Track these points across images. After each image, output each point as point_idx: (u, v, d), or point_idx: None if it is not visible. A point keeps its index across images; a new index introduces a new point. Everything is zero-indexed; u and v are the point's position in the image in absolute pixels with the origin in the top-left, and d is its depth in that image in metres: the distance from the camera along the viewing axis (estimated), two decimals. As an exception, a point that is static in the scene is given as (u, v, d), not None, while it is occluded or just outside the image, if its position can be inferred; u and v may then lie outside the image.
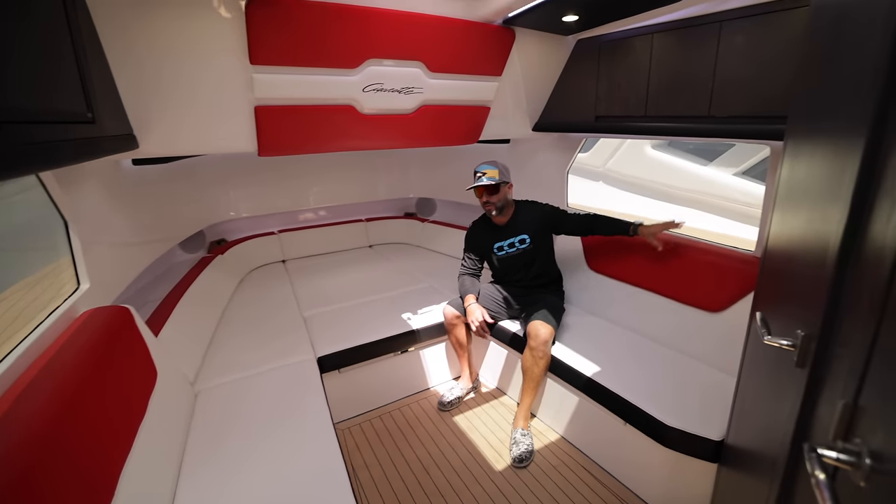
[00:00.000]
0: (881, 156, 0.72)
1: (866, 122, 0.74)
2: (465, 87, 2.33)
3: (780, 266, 1.17)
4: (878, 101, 0.72)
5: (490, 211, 2.41)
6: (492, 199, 2.36)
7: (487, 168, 2.35)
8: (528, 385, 2.25)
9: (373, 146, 2.57)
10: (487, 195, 2.36)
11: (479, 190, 2.37)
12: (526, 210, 2.51)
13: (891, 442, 0.63)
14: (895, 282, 0.63)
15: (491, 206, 2.38)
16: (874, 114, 0.72)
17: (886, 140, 0.71)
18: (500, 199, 2.38)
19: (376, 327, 2.49)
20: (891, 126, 0.70)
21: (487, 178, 2.32)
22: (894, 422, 0.62)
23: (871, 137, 0.73)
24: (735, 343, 2.02)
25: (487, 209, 2.41)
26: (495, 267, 2.61)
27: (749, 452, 1.32)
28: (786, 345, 0.97)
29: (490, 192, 2.35)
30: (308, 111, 2.04)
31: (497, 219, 2.48)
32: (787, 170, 1.20)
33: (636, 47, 2.09)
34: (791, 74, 1.58)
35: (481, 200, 2.39)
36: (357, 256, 3.85)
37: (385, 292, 3.01)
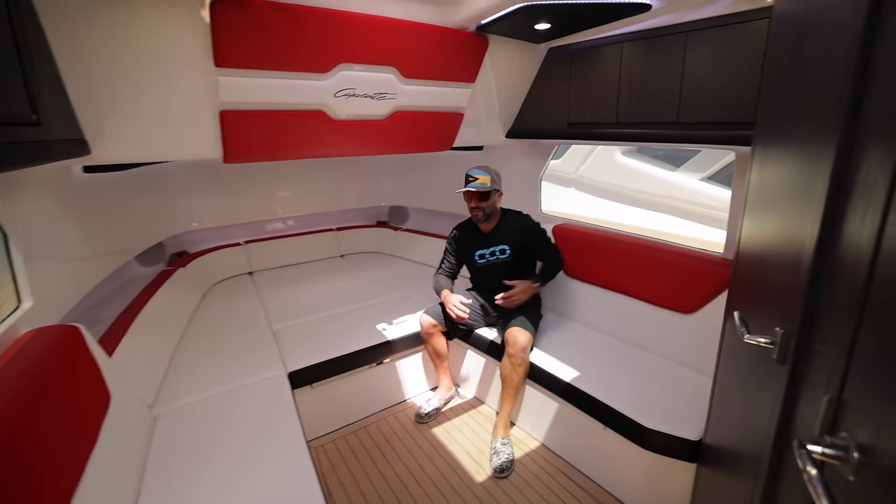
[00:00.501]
0: (853, 159, 0.73)
1: (837, 127, 0.76)
2: (439, 94, 2.31)
3: (755, 267, 1.19)
4: (847, 106, 0.74)
5: (477, 217, 2.38)
6: (481, 205, 2.34)
7: (480, 173, 2.32)
8: (508, 393, 2.22)
9: (345, 153, 2.51)
10: (477, 201, 2.34)
11: (468, 194, 2.35)
12: (512, 220, 2.49)
13: (878, 435, 0.63)
14: (873, 281, 0.64)
15: (479, 211, 2.36)
16: (845, 119, 0.74)
17: (857, 144, 0.72)
18: (488, 206, 2.36)
19: (350, 339, 2.41)
20: (861, 130, 0.72)
21: (479, 183, 2.29)
22: (880, 415, 0.63)
23: (843, 142, 0.75)
24: (708, 343, 2.06)
25: (475, 215, 2.38)
26: (474, 273, 2.58)
27: (728, 450, 1.33)
28: (766, 342, 0.98)
29: (480, 198, 2.33)
30: (277, 116, 1.96)
31: (483, 225, 2.46)
32: (757, 174, 1.23)
33: (606, 56, 2.13)
34: (754, 83, 1.64)
35: (470, 205, 2.36)
36: (328, 267, 3.75)
37: (358, 303, 2.93)
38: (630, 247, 2.45)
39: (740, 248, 1.34)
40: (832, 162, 0.77)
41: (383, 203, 4.39)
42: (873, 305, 0.64)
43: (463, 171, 2.34)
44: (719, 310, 2.03)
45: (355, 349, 2.34)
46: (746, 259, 1.28)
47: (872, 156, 0.67)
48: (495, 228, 2.46)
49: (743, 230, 1.32)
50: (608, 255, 2.52)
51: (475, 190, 2.29)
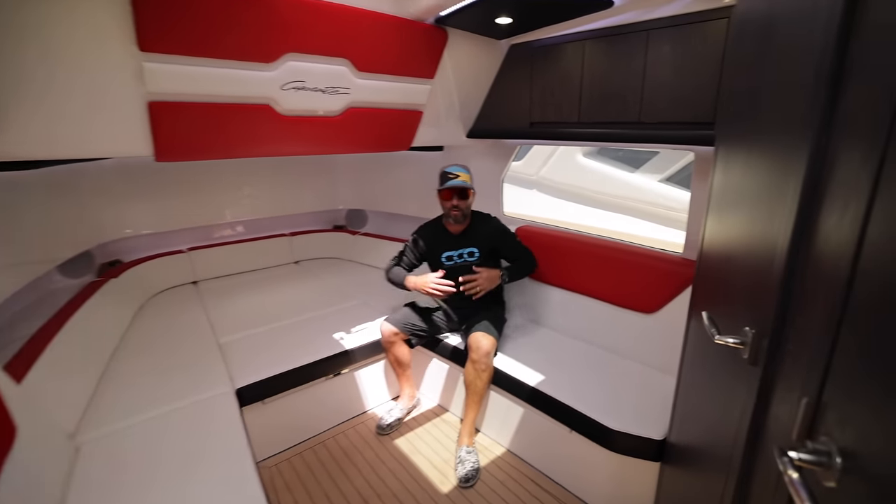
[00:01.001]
0: (828, 157, 0.70)
1: (811, 125, 0.73)
2: (396, 89, 2.21)
3: (721, 267, 1.17)
4: (823, 103, 0.71)
5: (456, 216, 2.30)
6: (460, 204, 2.27)
7: (460, 171, 2.27)
8: (472, 399, 2.15)
9: (294, 151, 2.35)
10: (458, 199, 2.26)
11: (447, 193, 2.27)
12: (481, 223, 2.44)
13: (864, 440, 0.59)
14: (855, 280, 0.61)
15: (458, 211, 2.28)
16: (820, 116, 0.71)
17: (833, 141, 0.70)
18: (467, 206, 2.30)
19: (305, 350, 2.25)
20: (837, 127, 0.69)
21: (461, 181, 2.23)
22: (866, 419, 0.59)
23: (817, 139, 0.72)
24: (670, 342, 2.07)
25: (454, 214, 2.29)
26: None
27: (694, 448, 1.31)
28: (736, 343, 0.96)
29: (461, 195, 2.26)
30: (217, 110, 1.79)
31: (453, 226, 2.38)
32: (721, 174, 1.22)
33: (568, 53, 2.11)
34: (713, 83, 1.65)
35: (449, 203, 2.27)
36: (281, 274, 3.55)
37: (314, 311, 2.77)
38: (592, 248, 2.45)
39: (704, 247, 1.33)
40: (806, 160, 0.74)
41: (340, 206, 4.22)
42: (856, 305, 0.61)
43: (425, 172, 2.27)
44: (680, 309, 2.05)
45: (310, 360, 2.19)
46: (711, 259, 1.26)
47: (852, 153, 0.65)
48: (466, 230, 2.39)
49: (706, 230, 1.31)
50: (571, 257, 2.50)
51: (458, 186, 2.22)
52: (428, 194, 2.43)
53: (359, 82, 2.03)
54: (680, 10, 1.71)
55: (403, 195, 3.73)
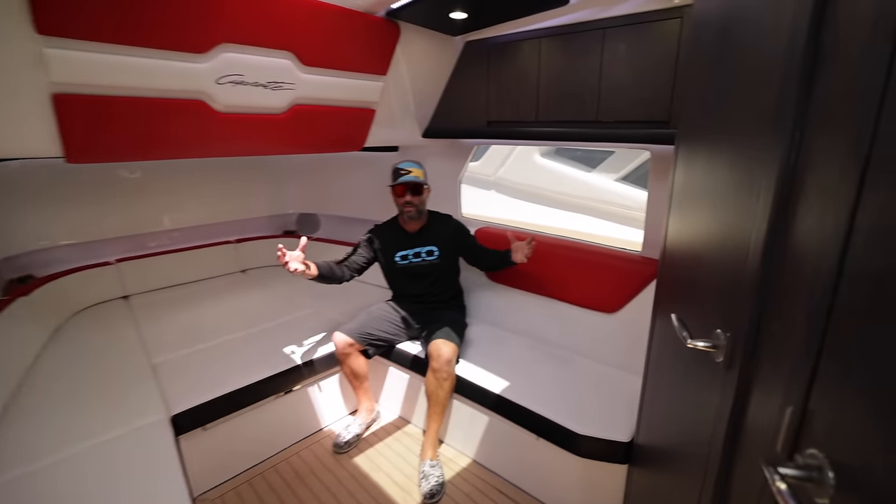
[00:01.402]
0: (803, 151, 0.67)
1: (785, 122, 0.69)
2: (346, 86, 2.07)
3: (687, 266, 1.14)
4: (797, 96, 0.67)
5: (410, 213, 2.20)
6: (414, 200, 2.18)
7: (412, 166, 2.18)
8: (434, 410, 2.05)
9: (236, 152, 2.16)
10: (411, 195, 2.17)
11: (400, 189, 2.17)
12: (439, 222, 2.36)
13: (857, 451, 0.55)
14: (841, 281, 0.57)
15: (412, 207, 2.19)
16: (794, 109, 0.68)
17: (808, 135, 0.66)
18: (421, 202, 2.22)
19: (252, 367, 2.07)
20: (813, 120, 0.65)
21: (412, 176, 2.15)
22: (858, 428, 0.55)
23: (791, 133, 0.68)
24: (633, 342, 2.06)
25: (408, 210, 2.20)
26: (393, 277, 2.38)
27: (665, 451, 1.29)
28: (708, 346, 0.92)
29: (413, 191, 2.17)
30: (140, 105, 1.59)
31: (409, 224, 2.29)
32: (682, 173, 1.20)
33: (525, 51, 2.06)
34: (668, 82, 1.65)
35: (402, 200, 2.18)
36: (226, 284, 3.29)
37: (262, 324, 2.58)
38: (552, 248, 2.42)
39: (667, 247, 1.31)
40: (780, 157, 0.70)
41: (291, 210, 4.00)
42: (845, 306, 0.57)
43: (380, 173, 2.16)
44: (642, 307, 2.05)
45: (258, 378, 2.01)
46: (676, 258, 1.24)
47: (833, 147, 0.61)
48: (423, 229, 2.31)
49: (669, 229, 1.29)
50: (531, 258, 2.46)
51: (410, 182, 2.13)
52: (384, 196, 2.32)
53: (304, 77, 1.89)
54: (634, 10, 1.70)
55: (358, 198, 3.58)
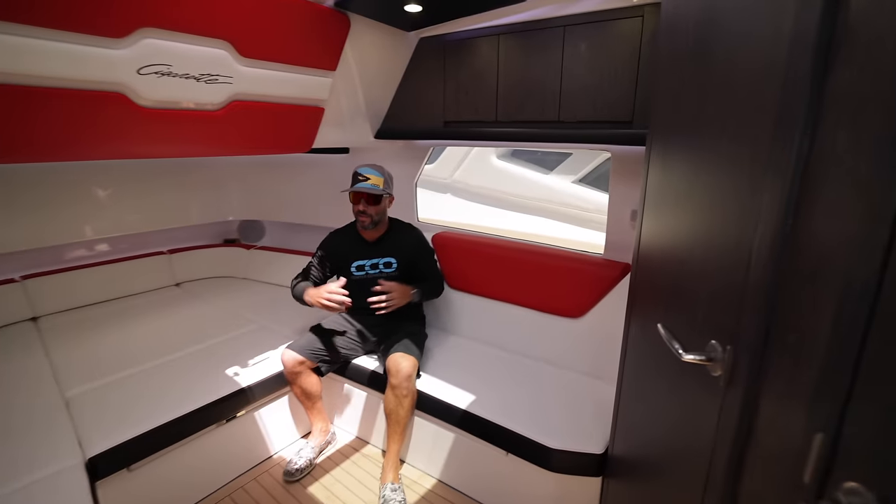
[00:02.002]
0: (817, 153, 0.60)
1: (795, 117, 0.62)
2: (291, 81, 1.90)
3: (668, 270, 1.08)
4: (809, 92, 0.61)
5: (364, 223, 2.04)
6: (369, 210, 2.01)
7: (372, 173, 2.00)
8: (394, 429, 1.91)
9: (164, 153, 1.92)
10: (366, 203, 2.00)
11: (355, 195, 2.00)
12: (401, 232, 2.21)
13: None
14: (883, 285, 0.51)
15: (367, 217, 2.02)
16: (806, 107, 0.61)
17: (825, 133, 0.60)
18: (378, 213, 2.04)
19: (189, 393, 1.84)
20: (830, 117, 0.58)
21: (370, 184, 1.97)
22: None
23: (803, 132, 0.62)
24: (600, 347, 2.02)
25: (362, 220, 2.04)
26: (348, 288, 2.21)
27: (647, 465, 1.23)
28: (703, 360, 0.85)
29: (370, 200, 2.00)
30: (43, 97, 1.35)
31: (367, 233, 2.12)
32: (659, 173, 1.15)
33: (483, 49, 1.99)
34: (629, 81, 1.63)
35: (356, 208, 2.02)
36: (158, 300, 2.97)
37: (201, 342, 2.32)
38: (512, 253, 2.36)
39: (641, 250, 1.26)
40: (791, 151, 0.64)
41: (231, 217, 3.70)
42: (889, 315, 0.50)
43: (330, 176, 2.00)
44: (607, 312, 2.02)
45: (196, 406, 1.79)
46: (653, 263, 1.19)
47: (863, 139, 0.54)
48: (381, 238, 2.16)
49: (643, 231, 1.24)
50: (491, 263, 2.39)
51: (366, 190, 1.96)
52: (334, 201, 2.15)
53: (243, 70, 1.70)
54: (594, 7, 1.67)
55: (306, 202, 3.37)
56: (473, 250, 2.46)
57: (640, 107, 1.62)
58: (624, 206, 2.02)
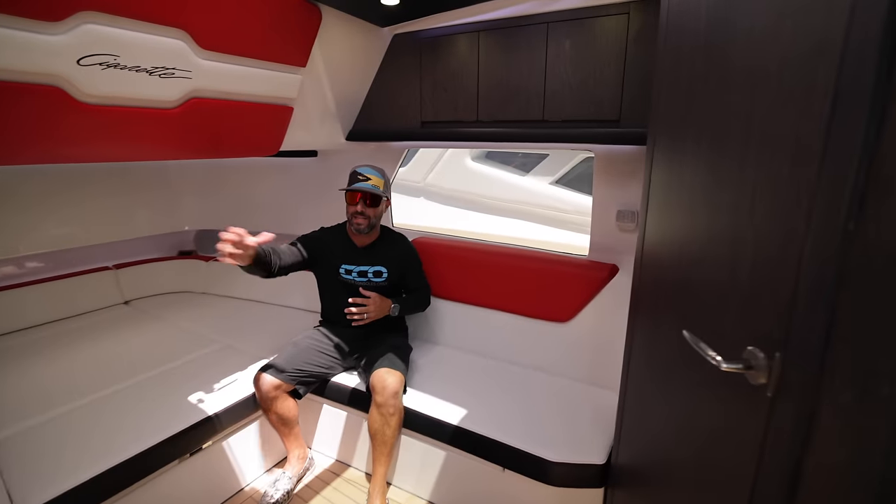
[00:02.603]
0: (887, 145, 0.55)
1: (856, 109, 0.57)
2: (258, 78, 1.73)
3: (683, 272, 1.03)
4: (873, 86, 0.56)
5: (360, 226, 1.91)
6: (368, 212, 1.90)
7: (372, 173, 1.90)
8: (380, 451, 1.78)
9: (109, 156, 1.71)
10: (365, 205, 1.88)
11: (354, 196, 1.87)
12: (391, 240, 2.12)
13: None
14: None
15: (364, 220, 1.90)
16: (871, 97, 0.56)
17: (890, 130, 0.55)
18: (376, 215, 1.94)
19: (145, 427, 1.64)
20: None
21: (372, 185, 1.87)
22: None
23: (869, 123, 0.56)
24: (592, 351, 1.97)
25: (358, 223, 1.91)
26: (331, 290, 2.07)
27: (665, 476, 1.16)
28: (739, 369, 0.79)
29: (370, 201, 1.89)
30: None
31: (359, 238, 2.00)
32: (665, 171, 1.09)
33: (461, 46, 1.91)
34: (618, 79, 1.59)
35: (354, 209, 1.90)
36: (105, 320, 2.67)
37: (157, 367, 2.10)
38: (495, 257, 2.28)
39: (645, 252, 1.20)
40: (861, 140, 0.57)
41: (187, 227, 3.43)
42: None
43: (296, 180, 1.86)
44: (596, 314, 1.97)
45: (155, 441, 1.58)
46: (661, 264, 1.13)
47: None
48: (373, 245, 2.04)
49: (647, 232, 1.18)
50: (473, 269, 2.30)
51: (367, 191, 1.85)
52: (300, 206, 1.97)
53: (204, 64, 1.53)
54: (578, 4, 1.63)
55: (268, 209, 3.15)
56: (453, 255, 2.37)
57: (628, 105, 1.59)
58: (609, 207, 1.98)
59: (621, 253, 2.01)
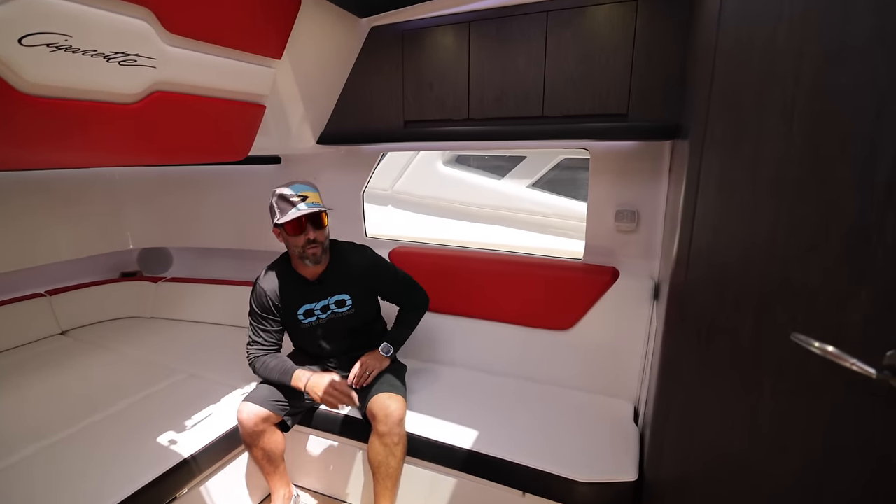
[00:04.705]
0: None
1: None
2: (229, 70, 1.52)
3: (780, 271, 0.92)
4: None
5: (316, 255, 1.63)
6: (319, 237, 1.60)
7: (308, 190, 1.60)
8: (384, 486, 1.60)
9: (54, 161, 1.43)
10: (313, 229, 1.59)
11: (295, 225, 1.57)
12: (346, 257, 1.78)
13: None
14: None
15: (319, 247, 1.62)
16: None
17: None
18: (325, 237, 1.65)
19: (104, 481, 1.38)
20: None
21: (312, 203, 1.57)
22: None
23: None
24: (596, 359, 1.88)
25: (314, 254, 1.61)
26: (300, 338, 1.84)
27: (730, 492, 1.07)
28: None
29: (316, 223, 1.60)
30: None
31: (307, 269, 1.71)
32: (724, 167, 1.00)
33: (449, 38, 1.80)
34: (625, 70, 1.54)
35: (301, 239, 1.59)
36: (43, 353, 2.29)
37: (113, 404, 1.81)
38: (485, 264, 2.18)
39: (695, 252, 1.11)
40: None
41: (130, 246, 3.06)
42: None
43: (255, 191, 1.66)
44: (599, 320, 1.90)
45: (119, 498, 1.32)
46: (731, 264, 1.02)
47: None
48: (327, 272, 1.74)
49: (697, 232, 1.10)
50: (462, 278, 2.17)
51: (313, 212, 1.57)
52: (255, 219, 1.73)
53: (170, 51, 1.31)
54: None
55: (219, 223, 2.88)
56: (438, 264, 2.23)
57: (637, 97, 1.54)
58: (606, 207, 1.94)
59: (620, 255, 1.96)
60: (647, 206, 1.88)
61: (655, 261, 1.93)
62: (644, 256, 1.94)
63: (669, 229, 1.49)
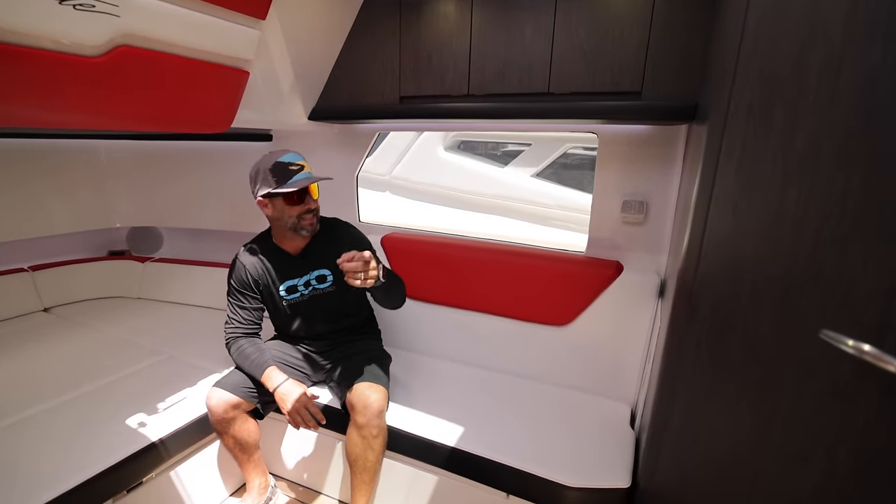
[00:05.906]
0: None
1: None
2: (207, 27, 1.40)
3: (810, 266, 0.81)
4: None
5: (312, 225, 1.57)
6: (316, 206, 1.57)
7: (302, 159, 1.53)
8: (361, 479, 1.51)
9: (12, 118, 1.32)
10: (312, 200, 1.55)
11: (294, 195, 1.49)
12: (329, 232, 1.70)
13: None
14: None
15: (316, 216, 1.58)
16: None
17: None
18: (318, 207, 1.60)
19: (71, 460, 1.31)
20: None
21: (307, 173, 1.51)
22: None
23: None
24: (593, 358, 1.76)
25: (308, 223, 1.55)
26: (281, 318, 1.74)
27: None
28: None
29: (310, 192, 1.55)
30: None
31: (290, 242, 1.63)
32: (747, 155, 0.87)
33: (450, 8, 1.67)
34: (641, 46, 1.40)
35: (301, 209, 1.52)
36: (20, 331, 2.21)
37: (86, 384, 1.74)
38: (481, 253, 2.05)
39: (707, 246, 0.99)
40: None
41: (118, 224, 2.98)
42: None
43: (242, 169, 1.56)
44: (599, 317, 1.78)
45: (84, 478, 1.25)
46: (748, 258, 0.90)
47: None
48: (309, 246, 1.66)
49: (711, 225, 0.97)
50: (456, 267, 2.05)
51: (313, 181, 1.50)
52: (248, 200, 1.60)
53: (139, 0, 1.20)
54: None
55: (211, 203, 2.79)
56: (431, 252, 2.12)
57: (653, 74, 1.41)
58: (613, 197, 1.81)
59: (626, 249, 1.84)
60: (657, 196, 1.75)
61: (663, 256, 1.80)
62: (651, 251, 1.82)
63: (681, 221, 1.38)
